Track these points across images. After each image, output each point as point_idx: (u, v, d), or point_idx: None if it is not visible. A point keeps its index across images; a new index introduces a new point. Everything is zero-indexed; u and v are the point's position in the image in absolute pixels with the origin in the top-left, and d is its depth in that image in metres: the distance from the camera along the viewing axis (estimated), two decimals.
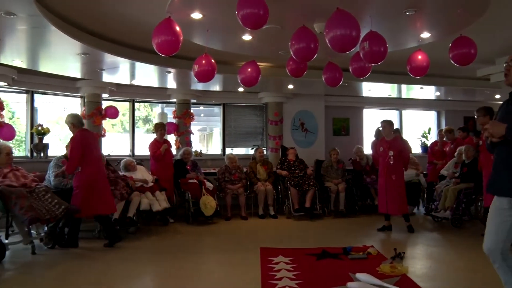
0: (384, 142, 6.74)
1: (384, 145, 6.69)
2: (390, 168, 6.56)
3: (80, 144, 5.67)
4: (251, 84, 5.77)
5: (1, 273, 4.76)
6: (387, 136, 6.73)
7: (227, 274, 4.68)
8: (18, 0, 4.08)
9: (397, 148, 6.57)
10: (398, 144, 6.64)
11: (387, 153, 6.59)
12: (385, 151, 6.62)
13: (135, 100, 9.57)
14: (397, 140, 6.72)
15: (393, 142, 6.63)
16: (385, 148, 6.66)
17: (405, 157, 6.71)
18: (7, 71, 6.96)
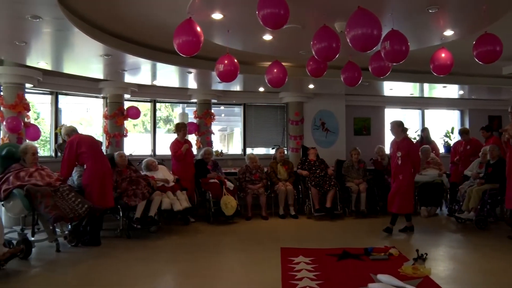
0: (394, 143, 6.71)
1: (394, 146, 6.65)
2: (398, 169, 6.53)
3: (73, 148, 6.00)
4: (278, 84, 5.79)
5: (27, 270, 4.89)
6: (396, 136, 6.68)
7: (248, 274, 4.68)
8: (43, 4, 4.16)
9: (405, 148, 6.48)
10: (406, 145, 6.54)
11: (395, 153, 6.56)
12: (395, 152, 6.59)
13: (156, 100, 9.65)
14: (405, 141, 6.62)
15: (401, 143, 6.56)
16: (394, 149, 6.64)
17: (414, 158, 6.61)
18: (33, 73, 7.11)
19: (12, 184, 5.32)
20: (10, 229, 5.98)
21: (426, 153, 8.47)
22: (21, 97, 7.08)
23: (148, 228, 6.60)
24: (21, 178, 5.43)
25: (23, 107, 7.08)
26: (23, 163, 5.67)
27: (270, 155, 9.72)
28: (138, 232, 6.46)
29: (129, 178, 6.68)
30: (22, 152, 5.71)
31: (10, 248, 4.84)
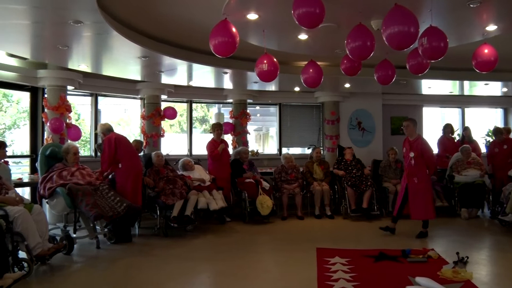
0: (407, 142, 6.40)
1: (407, 146, 6.36)
2: (412, 170, 6.22)
3: (112, 144, 6.15)
4: (314, 84, 5.77)
5: (70, 264, 5.08)
6: (410, 136, 6.36)
7: (283, 274, 4.68)
8: (84, 9, 4.29)
9: (418, 149, 6.17)
10: (419, 145, 6.21)
11: (408, 153, 6.27)
12: (408, 152, 6.30)
13: (192, 101, 9.77)
14: (418, 140, 6.28)
15: (414, 143, 6.26)
16: (407, 149, 6.33)
17: (428, 158, 6.24)
18: (74, 75, 7.35)
19: (55, 183, 5.52)
20: (54, 225, 6.21)
21: (467, 153, 8.22)
22: (63, 99, 7.33)
23: (184, 227, 6.69)
24: (63, 177, 5.61)
25: (65, 109, 7.32)
26: (65, 162, 5.86)
27: (305, 154, 9.69)
28: (175, 231, 6.56)
29: (166, 178, 6.80)
30: (64, 152, 5.90)
31: (54, 244, 5.02)
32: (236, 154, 8.48)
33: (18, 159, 8.76)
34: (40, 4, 4.20)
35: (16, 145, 9.48)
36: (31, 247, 4.39)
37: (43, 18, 4.59)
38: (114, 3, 4.69)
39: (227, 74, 7.70)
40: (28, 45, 5.79)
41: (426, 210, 6.16)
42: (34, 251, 4.43)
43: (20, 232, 4.33)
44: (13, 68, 6.88)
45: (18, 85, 7.30)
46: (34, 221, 4.53)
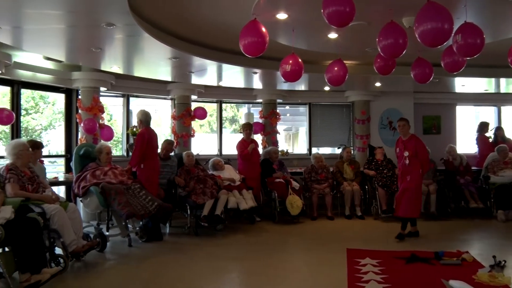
0: (400, 142, 6.34)
1: (401, 146, 6.29)
2: (406, 170, 6.15)
3: (145, 142, 6.23)
4: (338, 83, 5.71)
5: (103, 261, 5.21)
6: (404, 135, 6.29)
7: (313, 274, 4.66)
8: (117, 12, 4.38)
9: (413, 148, 6.11)
10: (413, 144, 6.14)
11: (402, 153, 6.20)
12: (402, 152, 6.23)
13: (222, 101, 9.82)
14: (413, 139, 6.22)
15: (409, 142, 6.19)
16: (401, 148, 6.27)
17: (422, 158, 6.15)
18: (107, 77, 7.50)
19: (89, 182, 5.65)
20: (88, 223, 6.36)
21: (504, 153, 7.98)
22: (96, 100, 7.49)
23: (214, 226, 6.74)
24: (96, 176, 5.74)
25: (98, 110, 7.49)
26: (98, 162, 5.99)
27: (335, 154, 9.60)
28: (205, 230, 6.62)
29: (197, 177, 6.87)
30: (97, 151, 6.04)
31: (88, 241, 5.13)
32: (266, 154, 8.49)
33: (54, 158, 9.01)
34: (75, 9, 4.31)
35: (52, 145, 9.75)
36: (66, 243, 4.52)
37: (77, 22, 4.72)
38: (145, 6, 4.77)
39: (257, 74, 7.71)
40: (63, 48, 5.97)
41: (412, 208, 6.12)
42: (70, 247, 4.55)
43: (56, 229, 4.46)
44: (49, 70, 7.09)
45: (54, 87, 7.52)
46: (69, 219, 4.66)
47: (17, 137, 6.77)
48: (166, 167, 7.04)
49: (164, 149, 7.17)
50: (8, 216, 3.92)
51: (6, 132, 7.79)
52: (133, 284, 4.38)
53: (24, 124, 8.70)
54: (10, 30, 4.90)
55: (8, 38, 5.24)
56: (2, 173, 4.63)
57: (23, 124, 7.98)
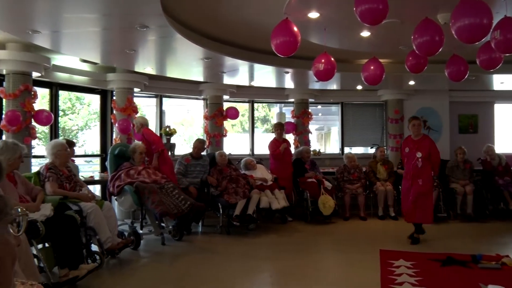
0: (410, 141, 6.02)
1: (411, 145, 5.95)
2: (418, 172, 5.82)
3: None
4: (375, 82, 5.65)
5: (137, 259, 5.32)
6: (416, 135, 5.97)
7: (345, 275, 4.62)
8: (150, 14, 4.45)
9: (426, 149, 5.80)
10: (427, 144, 5.84)
11: (414, 154, 5.85)
12: (412, 152, 5.89)
13: (254, 100, 9.85)
14: (426, 140, 5.93)
15: (421, 142, 5.88)
16: (411, 148, 5.92)
17: (435, 159, 5.87)
18: (140, 78, 7.64)
19: (123, 181, 5.77)
20: (122, 222, 6.50)
21: None
22: (130, 101, 7.64)
23: (246, 226, 6.76)
24: (131, 175, 5.86)
25: (132, 110, 7.63)
26: (132, 161, 6.11)
27: (368, 154, 9.49)
28: (237, 229, 6.65)
29: (229, 177, 6.92)
30: (131, 151, 6.15)
31: (123, 239, 5.24)
32: (298, 153, 8.46)
33: (89, 158, 9.25)
34: (110, 12, 4.42)
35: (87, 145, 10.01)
36: (102, 241, 4.63)
37: (112, 24, 4.83)
38: (178, 7, 4.83)
39: (289, 74, 7.70)
40: (98, 51, 6.12)
41: (425, 214, 5.86)
42: (105, 244, 4.66)
43: (93, 226, 4.58)
44: (85, 72, 7.29)
45: (90, 88, 7.71)
46: (104, 217, 4.77)
47: (55, 137, 6.98)
48: (198, 166, 7.11)
49: (195, 148, 7.24)
50: (48, 213, 4.05)
51: (45, 132, 8.05)
52: (166, 281, 4.44)
53: (62, 124, 8.97)
54: (49, 34, 5.07)
55: (47, 42, 5.42)
56: (42, 172, 4.79)
57: (61, 124, 8.23)
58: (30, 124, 6.18)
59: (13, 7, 4.22)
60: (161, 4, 4.16)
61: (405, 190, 6.02)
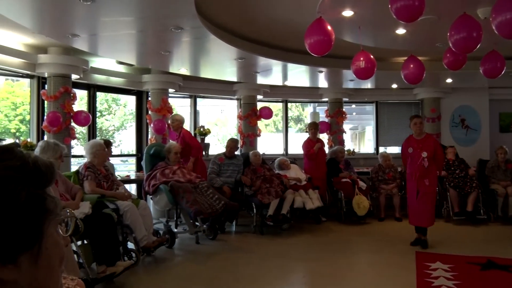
0: (413, 141, 5.78)
1: (414, 145, 5.70)
2: (424, 172, 5.58)
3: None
4: (416, 80, 5.55)
5: (172, 257, 5.41)
6: (419, 134, 5.75)
7: (380, 277, 4.55)
8: (184, 16, 4.51)
9: (431, 148, 5.60)
10: (432, 143, 5.66)
11: (419, 154, 5.59)
12: (417, 152, 5.63)
13: (287, 100, 9.83)
14: (430, 139, 5.75)
15: (426, 142, 5.67)
16: (415, 148, 5.67)
17: (440, 159, 5.78)
18: (175, 78, 7.76)
19: (158, 180, 5.87)
20: (157, 220, 6.61)
21: None
22: (165, 101, 7.76)
23: (280, 226, 6.75)
24: (166, 175, 5.95)
25: (166, 110, 7.75)
26: (167, 161, 6.20)
27: None
28: (271, 229, 6.65)
29: (263, 177, 6.93)
30: (166, 151, 6.25)
31: (158, 237, 5.33)
32: (332, 153, 8.40)
33: (125, 157, 9.46)
34: (145, 15, 4.51)
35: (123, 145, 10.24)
36: (138, 239, 4.72)
37: (147, 27, 4.92)
38: (211, 8, 4.87)
39: (322, 73, 7.65)
40: (134, 53, 6.26)
41: (431, 216, 5.67)
42: (141, 242, 4.75)
43: (129, 224, 4.68)
44: (121, 74, 7.47)
45: (126, 89, 7.89)
46: (140, 216, 4.87)
47: (93, 137, 7.17)
48: (231, 165, 7.16)
49: (228, 147, 7.28)
50: (87, 211, 4.17)
51: (83, 132, 8.28)
52: (199, 279, 4.49)
53: (99, 125, 9.20)
54: (87, 37, 5.22)
55: (86, 45, 5.59)
56: (81, 171, 4.93)
57: (98, 125, 8.44)
58: (70, 125, 6.38)
59: (55, 13, 4.38)
60: (195, 6, 4.21)
61: (412, 192, 5.76)
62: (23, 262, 0.63)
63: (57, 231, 0.71)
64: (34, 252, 0.65)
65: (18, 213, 0.62)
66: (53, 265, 0.68)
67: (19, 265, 0.63)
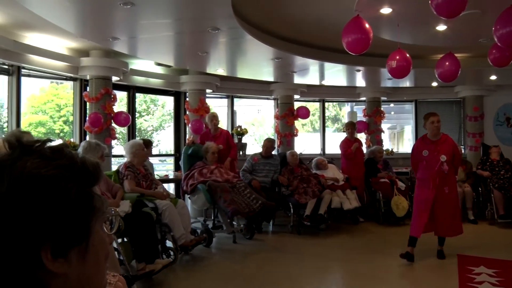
0: (429, 143, 5.10)
1: (431, 147, 5.02)
2: (443, 178, 4.92)
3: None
4: (450, 78, 5.39)
5: (209, 256, 5.49)
6: (435, 135, 5.12)
7: (419, 280, 4.45)
8: (221, 17, 4.56)
9: (450, 151, 4.99)
10: (450, 146, 5.07)
11: (437, 158, 4.91)
12: (433, 156, 4.95)
13: (324, 100, 9.75)
14: (448, 140, 5.14)
15: (444, 144, 5.03)
16: (432, 151, 4.99)
17: (458, 163, 5.26)
18: (212, 79, 7.83)
19: (196, 180, 5.94)
20: (195, 219, 6.69)
21: None
22: (203, 102, 7.85)
23: (317, 226, 6.71)
24: (204, 174, 6.01)
25: (204, 111, 7.83)
26: (205, 161, 6.27)
27: None
28: (308, 229, 6.61)
29: (300, 176, 6.90)
30: (204, 151, 6.32)
31: (195, 236, 5.40)
32: (370, 153, 8.28)
33: (164, 157, 9.63)
34: (182, 16, 4.57)
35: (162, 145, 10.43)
36: (176, 237, 4.78)
37: (184, 28, 5.00)
38: (247, 8, 4.89)
39: (360, 72, 7.55)
40: (172, 54, 6.36)
41: (457, 225, 5.08)
42: (179, 241, 4.82)
43: (167, 223, 4.75)
44: (160, 75, 7.61)
45: (164, 90, 8.04)
46: (178, 214, 4.93)
47: (133, 137, 7.34)
48: (267, 165, 7.14)
49: (264, 147, 7.28)
50: (127, 210, 4.26)
51: (123, 133, 8.49)
52: (236, 278, 4.52)
53: (138, 125, 9.40)
54: (127, 40, 5.35)
55: (125, 48, 5.73)
56: (121, 170, 5.05)
57: (137, 125, 8.63)
58: (110, 126, 6.54)
59: (96, 17, 4.53)
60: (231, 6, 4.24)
61: (424, 201, 4.99)
62: (72, 256, 0.66)
63: (103, 229, 0.74)
64: (83, 247, 0.68)
65: (68, 210, 0.65)
66: (100, 261, 0.71)
67: (69, 259, 0.66)
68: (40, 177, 0.64)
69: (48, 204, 0.63)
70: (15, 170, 0.63)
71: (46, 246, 0.63)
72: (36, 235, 0.62)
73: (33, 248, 0.62)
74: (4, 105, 6.27)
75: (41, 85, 9.82)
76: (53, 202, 0.63)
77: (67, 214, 0.65)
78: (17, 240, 0.61)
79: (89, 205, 0.69)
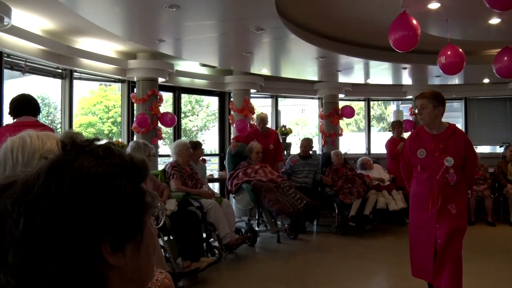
0: (426, 138, 3.41)
1: (428, 145, 3.36)
2: (448, 193, 3.27)
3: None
4: (511, 74, 5.17)
5: (253, 255, 5.52)
6: (431, 127, 3.38)
7: (470, 285, 4.28)
8: (265, 17, 4.57)
9: (460, 151, 3.28)
10: (461, 142, 3.31)
11: (438, 161, 3.27)
12: (433, 157, 3.31)
13: (370, 98, 9.59)
14: (456, 134, 3.35)
15: (449, 140, 3.30)
16: (431, 151, 3.33)
17: (472, 169, 3.43)
18: (256, 79, 7.87)
19: (241, 180, 5.98)
20: (239, 219, 6.73)
21: None
22: (247, 102, 7.89)
23: (362, 227, 6.60)
24: (248, 174, 6.05)
25: (248, 111, 7.88)
26: (249, 160, 6.30)
27: (496, 153, 8.69)
28: (353, 230, 6.52)
29: (345, 176, 6.81)
30: (248, 151, 6.35)
31: (240, 235, 5.44)
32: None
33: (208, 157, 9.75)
34: (226, 18, 4.63)
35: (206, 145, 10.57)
36: (221, 236, 4.84)
37: (229, 29, 5.05)
38: (291, 8, 4.87)
39: (406, 70, 7.38)
40: (216, 55, 6.45)
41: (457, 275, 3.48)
42: (224, 240, 4.87)
43: (212, 222, 4.81)
44: (204, 76, 7.71)
45: (209, 91, 8.15)
46: (223, 214, 4.99)
47: (178, 137, 7.48)
48: (306, 165, 7.05)
49: (302, 146, 7.22)
50: (173, 208, 4.35)
51: (169, 133, 8.67)
52: (280, 278, 4.52)
53: (183, 125, 9.58)
54: (172, 42, 5.47)
55: (171, 49, 5.85)
56: (167, 170, 5.16)
57: (182, 126, 8.79)
58: (157, 126, 6.70)
59: (143, 20, 4.66)
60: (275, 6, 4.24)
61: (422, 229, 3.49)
62: (128, 250, 0.70)
63: (151, 223, 0.77)
64: (137, 241, 0.71)
65: (125, 206, 0.68)
66: (150, 253, 0.75)
67: (125, 253, 0.69)
68: (98, 175, 0.66)
69: (107, 201, 0.66)
70: (75, 170, 0.66)
71: (105, 240, 0.66)
72: (97, 230, 0.65)
73: (95, 243, 0.65)
74: (57, 107, 6.55)
75: (90, 87, 10.21)
76: (111, 199, 0.66)
77: (124, 210, 0.67)
78: (80, 236, 0.64)
79: (142, 200, 0.71)
